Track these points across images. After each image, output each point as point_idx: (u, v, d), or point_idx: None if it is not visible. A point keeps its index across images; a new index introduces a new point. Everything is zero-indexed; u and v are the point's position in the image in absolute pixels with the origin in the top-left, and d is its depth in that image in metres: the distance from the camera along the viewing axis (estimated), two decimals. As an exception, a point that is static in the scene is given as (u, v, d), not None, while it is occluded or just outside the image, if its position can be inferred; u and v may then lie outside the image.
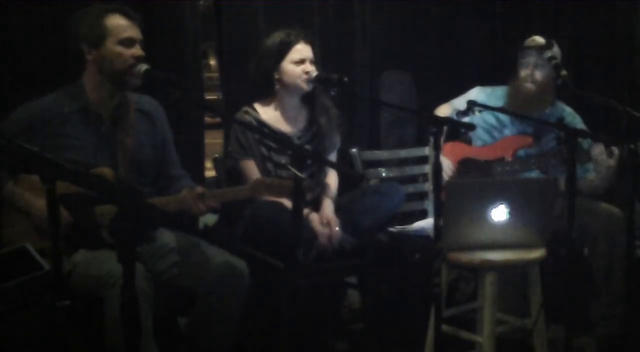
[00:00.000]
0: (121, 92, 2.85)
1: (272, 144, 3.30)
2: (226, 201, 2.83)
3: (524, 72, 3.56)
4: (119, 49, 2.74)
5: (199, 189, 2.75)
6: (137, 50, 2.76)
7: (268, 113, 3.36)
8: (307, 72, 3.25)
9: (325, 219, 3.23)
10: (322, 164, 3.42)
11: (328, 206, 3.31)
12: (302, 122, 3.42)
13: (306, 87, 3.28)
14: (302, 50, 3.28)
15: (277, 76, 3.30)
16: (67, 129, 2.76)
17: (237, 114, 3.34)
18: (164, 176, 2.98)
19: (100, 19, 2.75)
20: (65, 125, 2.76)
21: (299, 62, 3.27)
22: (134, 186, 2.82)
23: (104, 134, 2.81)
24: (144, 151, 2.90)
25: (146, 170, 2.92)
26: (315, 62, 3.30)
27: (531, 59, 3.54)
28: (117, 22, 2.75)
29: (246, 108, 3.35)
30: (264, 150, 3.31)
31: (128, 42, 2.75)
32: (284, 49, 3.28)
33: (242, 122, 3.27)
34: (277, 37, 3.32)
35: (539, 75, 3.54)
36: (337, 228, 3.21)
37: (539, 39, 3.55)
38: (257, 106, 3.37)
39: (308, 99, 3.40)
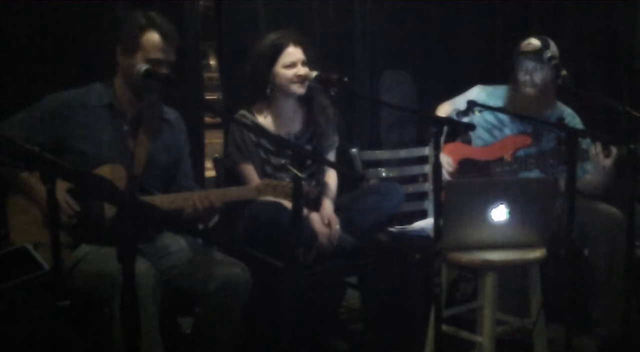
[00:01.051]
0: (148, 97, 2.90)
1: (270, 147, 3.30)
2: (231, 200, 2.86)
3: (523, 78, 3.54)
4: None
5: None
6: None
7: (265, 116, 3.35)
8: (299, 75, 3.25)
9: (326, 218, 3.23)
10: (322, 164, 3.42)
11: (328, 206, 3.32)
12: (299, 123, 3.42)
13: (299, 90, 3.28)
14: (292, 53, 3.27)
15: (270, 80, 3.30)
16: (91, 121, 2.82)
17: (235, 117, 3.33)
18: (175, 184, 3.00)
19: (139, 31, 2.78)
20: (89, 117, 2.82)
21: (290, 65, 3.26)
22: (141, 185, 2.86)
23: (125, 133, 2.86)
24: (159, 155, 2.94)
25: (159, 173, 2.95)
26: (307, 62, 3.29)
27: (529, 64, 3.51)
28: (152, 41, 2.78)
29: (243, 112, 3.35)
30: (262, 153, 3.30)
31: (155, 63, 2.77)
32: (275, 53, 3.27)
33: (242, 122, 3.26)
34: (267, 40, 3.31)
35: (538, 78, 3.52)
36: (337, 226, 3.21)
37: (535, 43, 3.51)
38: (254, 109, 3.36)
39: (304, 100, 3.40)
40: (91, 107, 2.83)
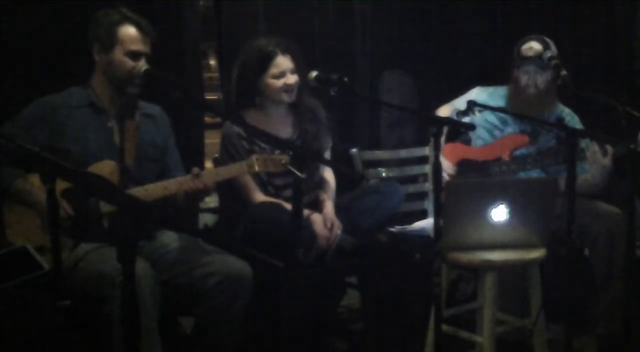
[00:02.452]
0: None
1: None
2: (224, 179, 2.90)
3: (524, 81, 3.54)
4: (125, 59, 2.83)
5: (195, 169, 2.82)
6: (141, 64, 2.82)
7: (256, 121, 3.33)
8: (288, 84, 3.24)
9: (329, 221, 3.22)
10: (318, 166, 3.40)
11: (330, 208, 3.30)
12: (290, 128, 3.39)
13: (288, 98, 3.28)
14: (280, 63, 3.25)
15: (259, 89, 3.29)
16: (75, 122, 2.86)
17: (225, 124, 3.32)
18: (166, 178, 2.99)
19: (114, 26, 2.83)
20: (74, 118, 2.86)
21: (280, 75, 3.25)
22: (135, 179, 2.87)
23: (110, 129, 2.89)
24: (147, 149, 2.97)
25: (149, 167, 2.97)
26: (296, 70, 3.27)
27: (531, 68, 3.51)
28: (129, 33, 2.84)
29: (234, 117, 3.33)
30: (254, 158, 3.28)
31: (134, 55, 2.83)
32: (263, 63, 3.24)
33: (242, 122, 3.24)
34: (255, 49, 3.27)
35: (540, 81, 3.52)
36: (338, 231, 3.20)
37: (536, 46, 3.51)
38: (245, 115, 3.34)
39: (294, 104, 3.38)
40: (74, 108, 2.87)
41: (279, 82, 3.25)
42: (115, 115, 2.91)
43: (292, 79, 3.25)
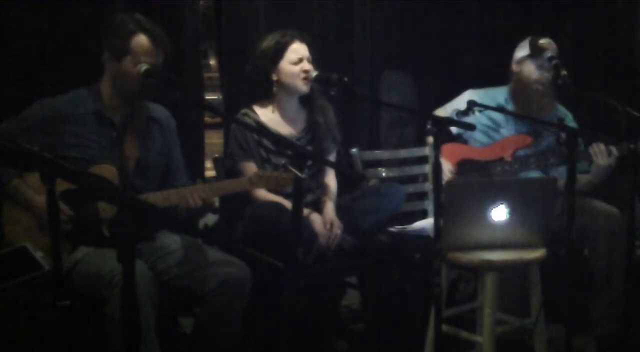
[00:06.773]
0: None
1: (271, 146, 3.29)
2: (225, 194, 2.88)
3: (535, 75, 3.52)
4: (134, 71, 2.77)
5: (199, 181, 2.83)
6: (141, 64, 2.77)
7: (267, 115, 3.34)
8: (305, 71, 3.24)
9: (329, 222, 3.22)
10: (322, 165, 3.41)
11: (331, 208, 3.30)
12: (301, 124, 3.41)
13: (305, 87, 3.27)
14: (298, 49, 3.28)
15: (275, 77, 3.29)
16: (79, 129, 2.81)
17: (239, 114, 3.33)
18: (169, 184, 2.99)
19: (128, 35, 2.77)
20: (77, 125, 2.81)
21: (297, 61, 3.26)
22: (134, 185, 2.85)
23: (113, 139, 2.85)
24: (150, 155, 2.93)
25: (152, 174, 2.94)
26: (312, 61, 3.29)
27: (542, 61, 3.50)
28: (142, 44, 2.78)
29: (245, 110, 3.34)
30: (262, 152, 3.30)
31: None
32: (281, 49, 3.27)
33: (242, 122, 3.25)
34: (272, 39, 3.31)
35: (545, 77, 3.52)
36: (338, 231, 3.20)
37: (548, 41, 3.52)
38: (256, 108, 3.35)
39: (306, 101, 3.40)
40: (79, 115, 2.82)
41: (297, 68, 3.25)
42: (120, 123, 2.87)
43: (308, 66, 3.26)
